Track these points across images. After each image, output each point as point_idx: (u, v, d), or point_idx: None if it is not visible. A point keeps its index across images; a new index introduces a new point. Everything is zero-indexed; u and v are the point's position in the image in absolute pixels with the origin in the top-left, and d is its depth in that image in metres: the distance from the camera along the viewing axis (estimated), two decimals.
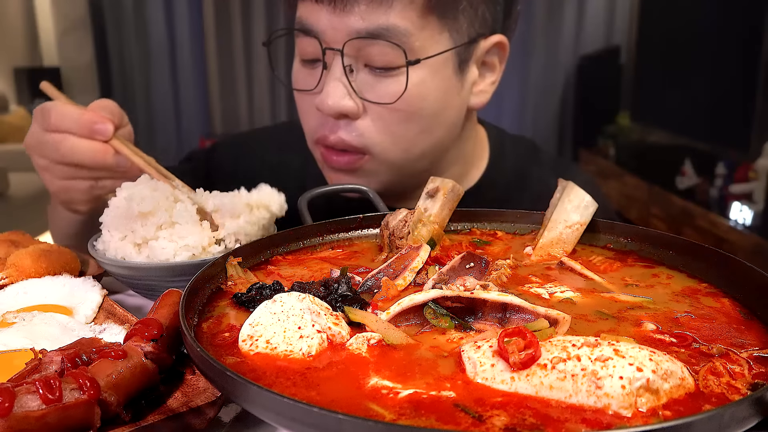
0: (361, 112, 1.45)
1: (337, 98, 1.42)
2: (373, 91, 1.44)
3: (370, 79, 1.43)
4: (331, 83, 1.43)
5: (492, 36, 1.53)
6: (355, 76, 1.44)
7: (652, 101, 6.29)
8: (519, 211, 1.30)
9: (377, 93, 1.43)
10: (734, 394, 0.70)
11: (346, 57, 1.41)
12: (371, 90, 1.44)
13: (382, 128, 1.47)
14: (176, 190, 1.27)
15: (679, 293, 0.99)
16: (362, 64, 1.43)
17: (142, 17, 7.23)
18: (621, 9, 6.90)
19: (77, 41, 7.40)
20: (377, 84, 1.43)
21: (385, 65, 1.41)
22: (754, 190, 4.62)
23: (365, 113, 1.46)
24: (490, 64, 1.58)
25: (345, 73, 1.42)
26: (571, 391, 0.68)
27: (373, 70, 1.43)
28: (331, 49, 1.41)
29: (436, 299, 0.87)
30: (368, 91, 1.44)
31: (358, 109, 1.44)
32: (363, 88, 1.44)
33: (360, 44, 1.39)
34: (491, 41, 1.53)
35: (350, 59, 1.42)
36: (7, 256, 1.25)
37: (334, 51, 1.41)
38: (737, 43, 4.84)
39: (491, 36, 1.53)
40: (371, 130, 1.47)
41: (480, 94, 1.58)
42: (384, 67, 1.41)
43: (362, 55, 1.42)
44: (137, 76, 7.38)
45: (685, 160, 5.41)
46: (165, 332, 0.84)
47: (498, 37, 1.53)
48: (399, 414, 0.67)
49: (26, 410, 0.67)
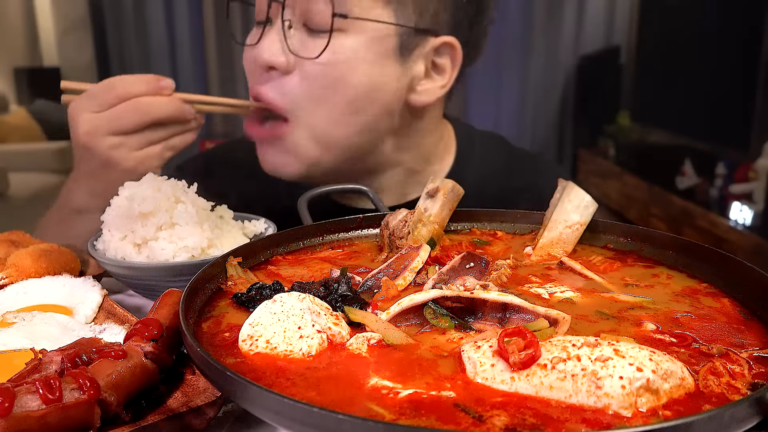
0: (291, 68, 1.47)
1: (271, 52, 1.47)
2: (304, 49, 1.46)
3: (305, 38, 1.46)
4: (270, 36, 1.48)
5: (442, 36, 1.52)
6: (292, 33, 1.47)
7: (652, 101, 6.29)
8: (519, 211, 1.30)
9: (307, 49, 1.46)
10: (734, 394, 0.70)
11: (287, 9, 1.45)
12: (303, 48, 1.46)
13: (308, 89, 1.47)
14: (185, 191, 1.27)
15: (679, 293, 0.99)
16: (301, 23, 1.46)
17: (142, 17, 7.23)
18: (621, 9, 6.89)
19: (77, 41, 7.40)
20: (310, 42, 1.46)
21: (320, 23, 1.43)
22: (754, 190, 4.61)
23: (295, 71, 1.48)
24: (440, 67, 1.57)
25: (283, 28, 1.46)
26: (571, 391, 0.68)
27: (310, 32, 1.46)
28: (274, 0, 1.46)
29: (436, 299, 0.87)
30: (300, 48, 1.47)
31: (288, 64, 1.47)
32: (297, 45, 1.47)
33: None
34: (440, 40, 1.52)
35: (290, 14, 1.46)
36: (7, 256, 1.25)
37: (277, 2, 1.45)
38: (737, 43, 4.84)
39: (443, 36, 1.52)
40: (296, 89, 1.48)
41: (423, 93, 1.57)
42: (320, 27, 1.44)
43: (301, 12, 1.45)
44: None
45: (685, 160, 5.41)
46: (165, 332, 0.84)
47: (447, 38, 1.53)
48: (399, 414, 0.67)
49: (26, 410, 0.67)
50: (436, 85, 1.57)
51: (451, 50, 1.54)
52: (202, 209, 1.27)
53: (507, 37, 6.18)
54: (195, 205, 1.26)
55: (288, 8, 1.45)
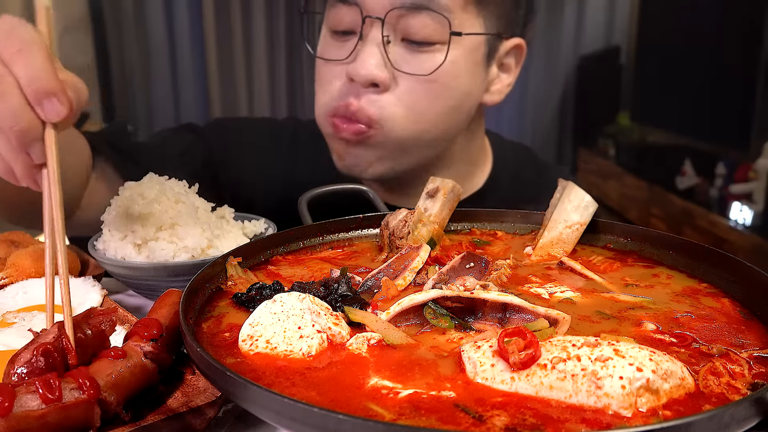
0: (391, 84, 1.48)
1: (371, 67, 1.45)
2: (408, 65, 1.46)
3: (405, 53, 1.46)
4: (367, 51, 1.46)
5: (513, 38, 1.59)
6: (391, 48, 1.46)
7: (652, 101, 6.28)
8: (519, 211, 1.30)
9: (412, 66, 1.46)
10: (734, 394, 0.70)
11: (386, 26, 1.44)
12: (406, 63, 1.46)
13: (406, 103, 1.49)
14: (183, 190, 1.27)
15: (680, 293, 0.99)
16: (400, 38, 1.46)
17: (142, 17, 7.22)
18: (621, 9, 6.88)
19: (77, 41, 7.40)
20: (413, 58, 1.46)
21: (424, 39, 1.44)
22: (754, 190, 4.61)
23: (395, 86, 1.48)
24: (507, 66, 1.63)
25: (383, 43, 1.45)
26: (571, 391, 0.68)
27: (410, 45, 1.46)
28: (372, 17, 1.44)
29: (436, 299, 0.87)
30: (403, 64, 1.46)
31: (389, 80, 1.47)
32: (398, 61, 1.46)
33: (401, 14, 1.42)
34: (512, 42, 1.59)
35: (389, 29, 1.45)
36: (7, 256, 1.25)
37: (374, 19, 1.44)
38: (737, 43, 4.84)
39: (513, 38, 1.59)
40: (395, 104, 1.49)
41: (495, 93, 1.63)
42: (422, 41, 1.44)
43: (401, 27, 1.45)
44: (137, 76, 7.36)
45: (685, 160, 5.40)
46: (165, 332, 0.84)
47: (518, 40, 1.59)
48: (399, 414, 0.67)
49: (26, 410, 0.67)
50: (504, 84, 1.64)
51: (518, 50, 1.61)
52: (202, 209, 1.27)
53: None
54: (195, 205, 1.26)
55: (387, 24, 1.45)
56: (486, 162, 1.80)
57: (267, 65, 7.38)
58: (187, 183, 1.31)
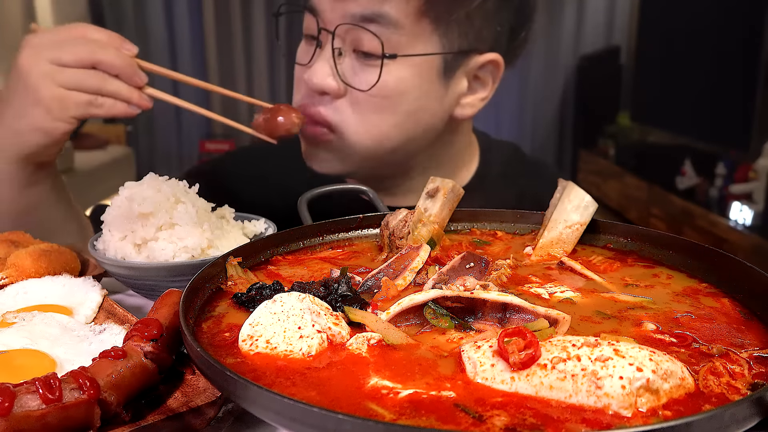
0: (342, 93, 1.54)
1: (322, 76, 1.52)
2: (354, 77, 1.52)
3: (355, 64, 1.52)
4: (320, 62, 1.54)
5: (487, 53, 1.59)
6: (342, 59, 1.53)
7: (652, 101, 6.28)
8: (519, 211, 1.30)
9: (358, 79, 1.52)
10: (734, 394, 0.70)
11: (337, 39, 1.50)
12: (353, 75, 1.52)
13: (358, 113, 1.55)
14: (182, 190, 1.27)
15: (680, 293, 0.99)
16: (351, 50, 1.52)
17: (142, 17, 7.22)
18: (621, 9, 6.88)
19: None
20: (360, 71, 1.52)
21: (371, 51, 1.49)
22: (754, 190, 4.61)
23: (346, 95, 1.54)
24: (482, 80, 1.64)
25: (333, 56, 1.51)
26: (571, 391, 0.68)
27: (360, 57, 1.51)
28: (326, 29, 1.51)
29: (436, 299, 0.87)
30: (351, 76, 1.52)
31: (339, 90, 1.54)
32: (347, 72, 1.52)
33: (350, 29, 1.48)
34: (486, 58, 1.59)
35: (340, 41, 1.51)
36: (7, 256, 1.25)
37: (327, 32, 1.51)
38: (737, 43, 4.84)
39: (487, 53, 1.58)
40: (347, 112, 1.55)
41: (466, 107, 1.64)
42: (370, 54, 1.49)
43: (351, 40, 1.50)
44: None
45: (685, 160, 5.41)
46: (165, 332, 0.84)
47: (492, 56, 1.59)
48: (399, 414, 0.67)
49: (26, 410, 0.67)
50: (478, 97, 1.65)
51: (494, 65, 1.62)
52: (202, 209, 1.27)
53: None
54: (195, 206, 1.25)
55: (338, 37, 1.51)
56: (471, 162, 1.82)
57: (267, 65, 7.37)
58: (187, 183, 1.31)
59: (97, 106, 1.33)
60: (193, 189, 1.30)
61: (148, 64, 1.39)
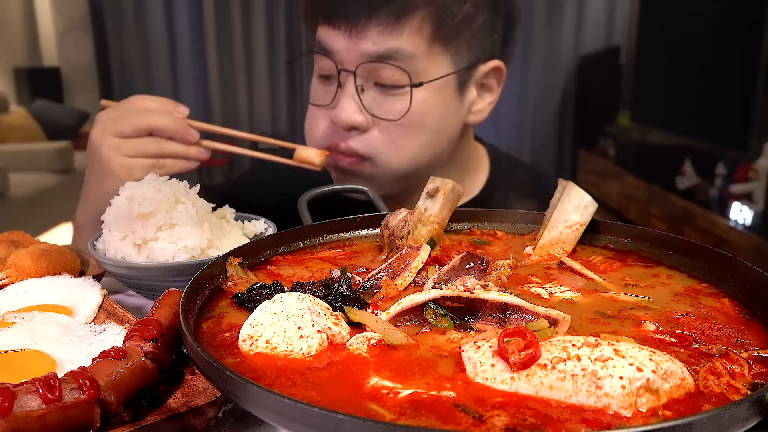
0: (370, 125, 1.61)
1: (349, 113, 1.59)
2: (381, 108, 1.60)
3: (378, 97, 1.60)
4: (345, 100, 1.60)
5: (490, 61, 1.69)
6: (365, 94, 1.60)
7: (652, 101, 6.28)
8: (519, 211, 1.30)
9: (384, 110, 1.60)
10: (734, 394, 0.70)
11: (358, 77, 1.58)
12: (379, 107, 1.60)
13: (389, 141, 1.63)
14: (187, 193, 1.27)
15: (680, 293, 0.99)
16: (372, 83, 1.60)
17: (142, 17, 7.22)
18: (621, 9, 6.88)
19: (77, 41, 7.39)
20: (385, 102, 1.59)
21: (392, 84, 1.57)
22: (754, 190, 4.61)
23: (374, 126, 1.62)
24: (488, 86, 1.73)
25: (357, 92, 1.59)
26: (571, 391, 0.68)
27: (382, 89, 1.59)
28: (345, 70, 1.58)
29: (436, 299, 0.87)
30: (377, 108, 1.60)
31: (368, 123, 1.61)
32: (372, 105, 1.60)
33: (371, 67, 1.56)
34: (489, 66, 1.69)
35: (362, 79, 1.59)
36: (7, 256, 1.25)
37: (348, 72, 1.58)
38: (737, 43, 4.84)
39: (490, 61, 1.69)
40: (378, 141, 1.62)
41: (478, 113, 1.74)
42: (391, 86, 1.58)
43: (372, 76, 1.58)
44: (137, 76, 7.36)
45: (685, 160, 5.41)
46: (165, 332, 0.84)
47: (496, 63, 1.70)
48: (399, 414, 0.67)
49: (26, 410, 0.67)
50: (486, 102, 1.75)
51: (497, 71, 1.72)
52: (202, 210, 1.27)
53: None
54: (195, 206, 1.26)
55: (359, 75, 1.58)
56: (479, 168, 1.88)
57: (267, 65, 7.40)
58: (187, 183, 1.31)
59: (160, 167, 1.47)
60: (194, 189, 1.30)
61: (198, 123, 1.51)
